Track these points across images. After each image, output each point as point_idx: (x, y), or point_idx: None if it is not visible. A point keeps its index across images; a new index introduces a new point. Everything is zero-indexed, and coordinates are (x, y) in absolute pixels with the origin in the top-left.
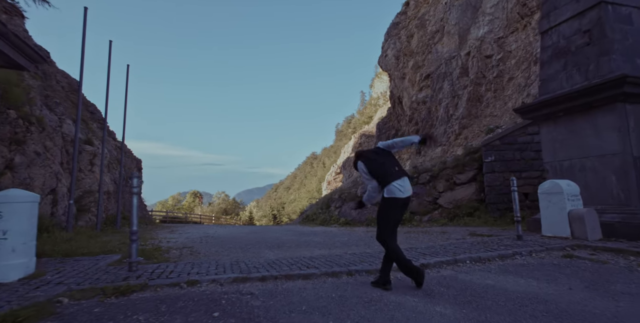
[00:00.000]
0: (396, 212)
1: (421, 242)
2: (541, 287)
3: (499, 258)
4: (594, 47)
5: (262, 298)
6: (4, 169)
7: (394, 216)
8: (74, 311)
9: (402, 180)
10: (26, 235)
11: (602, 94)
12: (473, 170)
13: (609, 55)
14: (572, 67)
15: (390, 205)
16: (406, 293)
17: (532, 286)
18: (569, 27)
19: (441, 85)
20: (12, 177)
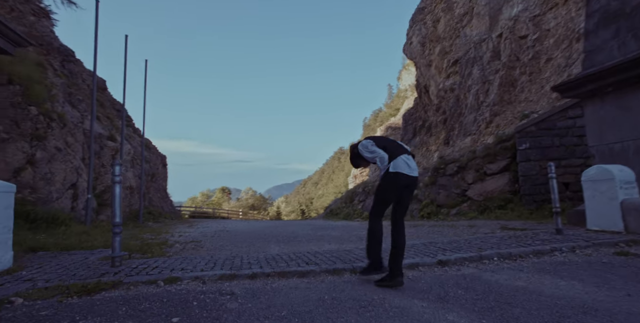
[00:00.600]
0: (396, 192)
1: (445, 236)
2: (588, 291)
3: (533, 255)
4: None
5: (242, 299)
6: (25, 164)
7: (390, 194)
8: (17, 314)
9: (409, 157)
10: (1, 227)
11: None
12: (505, 159)
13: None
14: (626, 32)
15: (392, 182)
16: (414, 296)
17: (576, 290)
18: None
19: (470, 71)
20: (33, 172)
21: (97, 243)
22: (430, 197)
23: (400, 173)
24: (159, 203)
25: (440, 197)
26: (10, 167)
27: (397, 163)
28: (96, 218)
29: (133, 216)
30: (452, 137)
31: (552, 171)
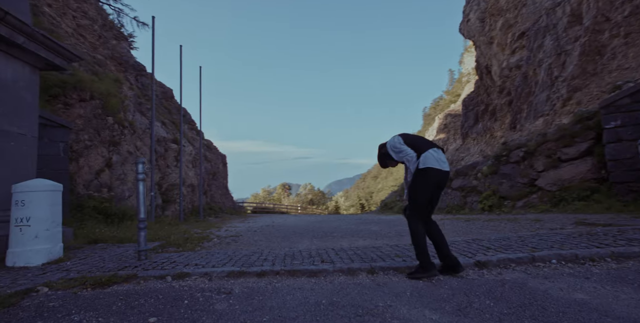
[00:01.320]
0: (429, 187)
1: (499, 232)
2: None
3: (612, 259)
4: None
5: (235, 299)
6: (104, 167)
7: (426, 193)
8: (33, 304)
9: (439, 151)
10: (49, 222)
11: None
12: (587, 141)
13: None
14: None
15: (424, 177)
16: (427, 306)
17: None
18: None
19: (541, 43)
20: (110, 173)
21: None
22: (492, 188)
23: (430, 168)
24: (220, 200)
25: (503, 188)
26: (92, 170)
27: (427, 158)
28: (162, 213)
29: (195, 212)
30: (520, 120)
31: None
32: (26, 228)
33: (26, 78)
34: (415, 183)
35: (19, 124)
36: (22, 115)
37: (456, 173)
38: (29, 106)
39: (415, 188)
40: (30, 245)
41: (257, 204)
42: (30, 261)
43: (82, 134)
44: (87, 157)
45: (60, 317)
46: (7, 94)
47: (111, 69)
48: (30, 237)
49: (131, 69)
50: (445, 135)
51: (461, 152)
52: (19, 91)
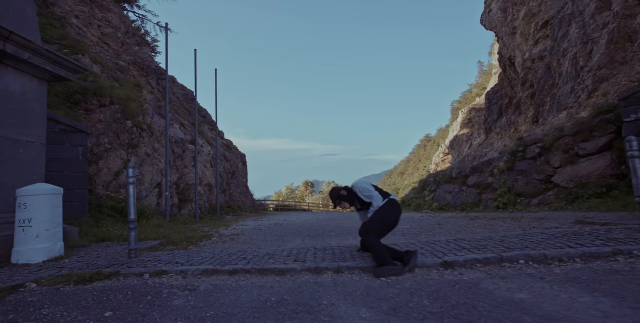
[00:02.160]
0: (395, 215)
1: (493, 231)
2: (613, 313)
3: (580, 259)
4: None
5: (195, 296)
6: (123, 168)
7: (393, 217)
8: (17, 298)
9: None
10: (49, 223)
11: None
12: (606, 135)
13: None
14: None
15: (391, 206)
16: (369, 304)
17: (595, 310)
18: None
19: (566, 31)
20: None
21: (156, 235)
22: (507, 184)
23: (392, 199)
24: (240, 198)
25: (518, 185)
26: (112, 172)
27: (392, 197)
28: (179, 212)
29: (212, 210)
30: (543, 114)
31: (634, 148)
32: (28, 228)
33: (34, 90)
34: (383, 212)
35: (28, 132)
36: (31, 125)
37: (472, 170)
38: (38, 116)
39: (383, 215)
40: (32, 244)
41: (279, 202)
42: (31, 259)
43: (102, 138)
44: (107, 159)
45: (32, 311)
46: (16, 106)
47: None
48: (32, 236)
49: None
50: (469, 130)
51: (484, 148)
52: (27, 103)
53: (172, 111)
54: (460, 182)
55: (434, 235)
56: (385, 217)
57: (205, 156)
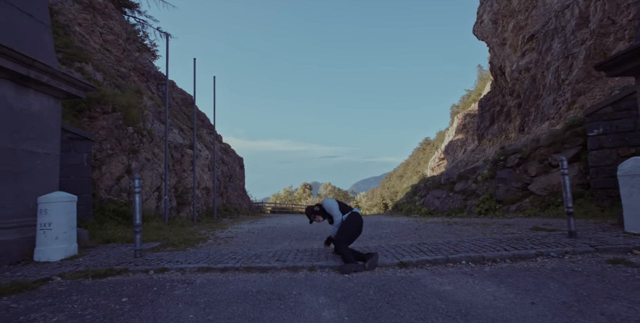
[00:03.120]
0: (355, 226)
1: (456, 236)
2: (503, 297)
3: (510, 260)
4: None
5: (192, 287)
6: (124, 173)
7: (354, 227)
8: (48, 288)
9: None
10: (66, 226)
11: None
12: (576, 147)
13: None
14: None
15: (352, 220)
16: (327, 294)
17: (491, 296)
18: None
19: (549, 45)
20: (129, 179)
21: (156, 237)
22: (489, 191)
23: (354, 212)
24: (237, 201)
25: (499, 192)
26: (114, 176)
27: (355, 210)
28: (177, 215)
29: (210, 213)
30: (528, 123)
31: (564, 166)
32: (48, 231)
33: (50, 108)
34: (347, 225)
35: (45, 145)
36: (48, 139)
37: (459, 177)
38: (53, 130)
39: (346, 227)
40: (52, 245)
41: (276, 204)
42: (51, 257)
43: (104, 144)
44: (109, 164)
45: (64, 297)
46: (35, 122)
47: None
48: (52, 238)
49: (152, 78)
50: (464, 135)
51: (477, 154)
52: (45, 119)
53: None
54: (447, 188)
55: (405, 239)
56: (347, 228)
57: (203, 160)
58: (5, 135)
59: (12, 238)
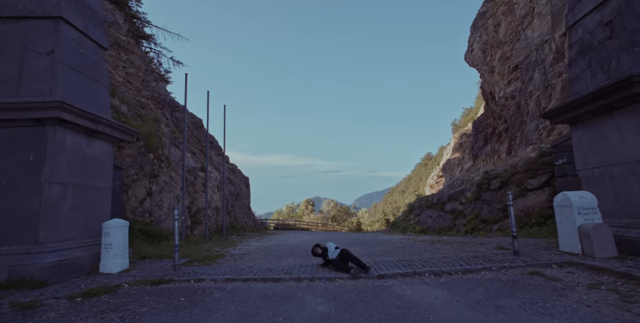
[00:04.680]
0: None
1: (434, 254)
2: (442, 298)
3: (462, 273)
4: (615, 41)
5: (225, 292)
6: (146, 196)
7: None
8: (123, 292)
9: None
10: (122, 245)
11: (618, 95)
12: (546, 174)
13: (631, 49)
14: (596, 64)
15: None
16: (322, 295)
17: (431, 296)
18: (592, 20)
19: (531, 76)
20: (151, 201)
21: (180, 254)
22: (474, 212)
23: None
24: (243, 219)
25: (483, 212)
26: (138, 199)
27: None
28: (191, 233)
29: (219, 230)
30: (514, 146)
31: (510, 199)
32: (110, 249)
33: (107, 151)
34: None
35: (103, 181)
36: (105, 175)
37: (449, 198)
38: (108, 168)
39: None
40: (112, 260)
41: (279, 221)
42: (112, 270)
43: (130, 170)
44: (134, 188)
45: (138, 298)
46: (97, 163)
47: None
48: (112, 255)
49: (167, 105)
50: (461, 154)
51: (471, 173)
52: (103, 160)
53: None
54: (439, 207)
55: (390, 257)
56: (339, 257)
57: (213, 181)
58: (79, 175)
59: (84, 254)
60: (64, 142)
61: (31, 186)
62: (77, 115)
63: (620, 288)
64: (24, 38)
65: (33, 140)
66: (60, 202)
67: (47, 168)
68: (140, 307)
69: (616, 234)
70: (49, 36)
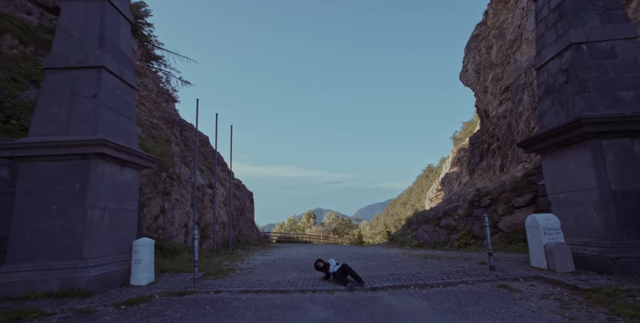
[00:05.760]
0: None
1: (422, 268)
2: (421, 306)
3: (442, 285)
4: (570, 86)
5: (242, 301)
6: (159, 213)
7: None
8: (155, 302)
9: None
10: (149, 261)
11: (573, 133)
12: (531, 193)
13: (582, 94)
14: (558, 104)
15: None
16: (322, 304)
17: (415, 305)
18: (553, 66)
19: (521, 97)
20: (164, 217)
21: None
22: (467, 228)
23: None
24: (247, 233)
25: (475, 228)
26: (152, 216)
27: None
28: (200, 247)
29: (225, 245)
30: (506, 163)
31: (486, 221)
32: (139, 264)
33: (135, 177)
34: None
35: (131, 203)
36: (133, 199)
37: (444, 213)
38: (135, 192)
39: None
40: (141, 274)
41: (281, 234)
42: (141, 282)
43: (145, 188)
44: (149, 206)
45: (171, 305)
46: (127, 189)
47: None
48: (141, 269)
49: (177, 125)
50: (459, 168)
51: (468, 187)
52: (132, 186)
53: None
54: (434, 223)
55: (384, 271)
56: (339, 270)
57: (220, 197)
58: (113, 200)
59: (118, 269)
60: (103, 172)
61: (77, 210)
62: (114, 149)
63: (565, 297)
64: (72, 85)
65: (79, 171)
66: (99, 223)
67: (89, 195)
68: (174, 313)
69: (576, 251)
70: (93, 83)
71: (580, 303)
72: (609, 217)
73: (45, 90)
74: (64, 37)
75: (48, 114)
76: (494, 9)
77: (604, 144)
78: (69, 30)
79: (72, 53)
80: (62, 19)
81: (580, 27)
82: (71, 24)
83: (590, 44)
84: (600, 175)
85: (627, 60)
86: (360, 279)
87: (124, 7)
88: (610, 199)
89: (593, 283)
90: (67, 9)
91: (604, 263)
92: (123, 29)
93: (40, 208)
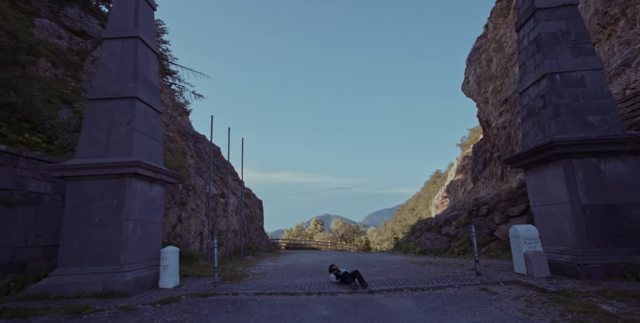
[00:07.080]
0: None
1: (419, 273)
2: (410, 306)
3: (432, 289)
4: (547, 110)
5: (257, 302)
6: (177, 222)
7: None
8: (183, 301)
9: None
10: (175, 267)
11: (549, 153)
12: (524, 203)
13: (556, 118)
14: (537, 125)
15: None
16: (326, 304)
17: (405, 304)
18: (533, 91)
19: (519, 109)
20: (181, 226)
21: (211, 273)
22: (465, 235)
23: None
24: (257, 240)
25: None
26: (170, 224)
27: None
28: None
29: (237, 251)
30: (506, 173)
31: (473, 232)
32: (167, 269)
33: (161, 192)
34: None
35: (157, 216)
36: (158, 211)
37: (445, 222)
38: (161, 206)
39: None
40: (168, 278)
41: (290, 241)
42: (168, 285)
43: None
44: (168, 215)
45: (197, 304)
46: (154, 203)
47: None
48: (168, 273)
49: (191, 137)
50: (463, 176)
51: (472, 195)
52: (158, 200)
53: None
54: (436, 230)
55: (384, 276)
56: (350, 273)
57: (231, 206)
58: (144, 213)
59: (148, 273)
60: (136, 189)
61: (115, 222)
62: (146, 169)
63: (533, 298)
64: (111, 113)
65: (117, 189)
66: (133, 234)
67: (125, 209)
68: (201, 311)
69: (553, 259)
70: (128, 111)
71: (543, 303)
72: (579, 228)
73: (89, 118)
74: (104, 72)
75: (90, 139)
76: (494, 23)
77: (574, 163)
78: (108, 66)
79: (110, 85)
80: (102, 56)
81: (554, 59)
82: (109, 60)
83: (563, 74)
84: (571, 191)
85: (594, 88)
86: (364, 283)
87: (152, 42)
88: (580, 212)
89: (560, 287)
90: (107, 47)
91: (574, 270)
92: (152, 62)
93: (85, 220)
